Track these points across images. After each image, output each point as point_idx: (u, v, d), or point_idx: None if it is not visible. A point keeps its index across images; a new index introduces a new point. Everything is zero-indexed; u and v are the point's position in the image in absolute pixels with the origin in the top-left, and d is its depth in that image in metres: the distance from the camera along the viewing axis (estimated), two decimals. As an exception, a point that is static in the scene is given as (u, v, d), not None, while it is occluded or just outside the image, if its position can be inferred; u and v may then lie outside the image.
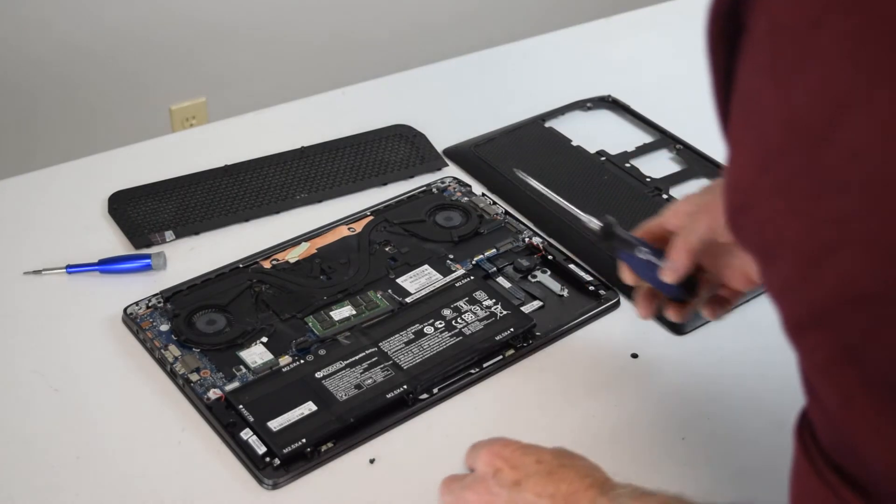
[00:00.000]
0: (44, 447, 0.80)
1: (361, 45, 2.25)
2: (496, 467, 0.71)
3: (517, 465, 0.70)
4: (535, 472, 0.69)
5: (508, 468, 0.70)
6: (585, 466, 0.70)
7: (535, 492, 0.68)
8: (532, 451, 0.71)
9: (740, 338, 0.91)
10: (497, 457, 0.71)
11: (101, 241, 1.00)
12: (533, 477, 0.69)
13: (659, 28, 1.44)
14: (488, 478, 0.71)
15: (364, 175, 1.10)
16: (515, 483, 0.69)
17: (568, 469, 0.69)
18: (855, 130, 0.41)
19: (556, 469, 0.69)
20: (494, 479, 0.70)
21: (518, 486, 0.69)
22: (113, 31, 1.95)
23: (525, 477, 0.69)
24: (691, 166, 1.13)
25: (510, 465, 0.70)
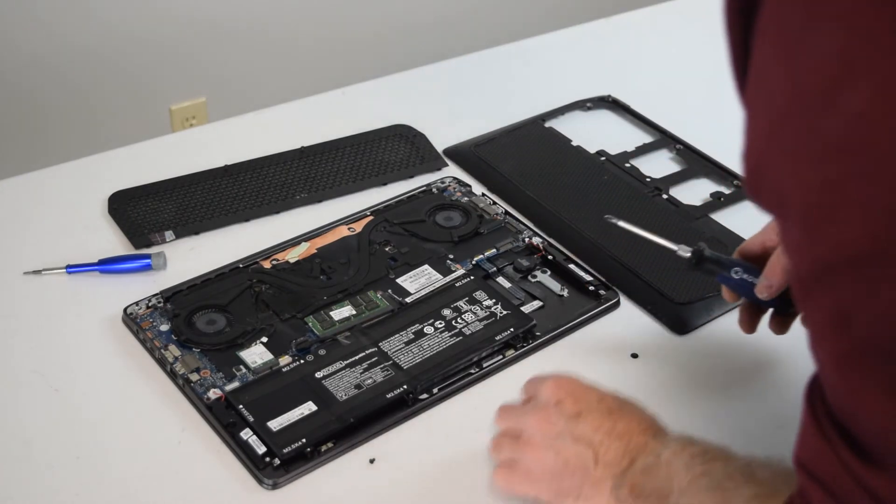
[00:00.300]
0: (44, 447, 0.80)
1: (361, 45, 2.25)
2: (559, 398, 0.73)
3: (580, 398, 0.73)
4: (595, 408, 0.72)
5: (571, 400, 0.72)
6: (643, 413, 0.72)
7: (593, 426, 0.71)
8: (595, 389, 0.74)
9: (740, 338, 0.91)
10: (561, 388, 0.74)
11: (101, 241, 1.00)
12: (593, 412, 0.72)
13: (659, 28, 1.44)
14: (550, 406, 0.73)
15: (364, 175, 1.10)
16: (576, 415, 0.72)
17: (626, 412, 0.72)
18: (854, 97, 0.42)
19: (616, 409, 0.72)
20: (556, 408, 0.73)
21: (577, 418, 0.72)
22: (113, 32, 1.95)
23: (586, 411, 0.72)
24: (691, 166, 1.13)
25: (573, 398, 0.73)
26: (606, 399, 0.73)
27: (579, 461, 0.70)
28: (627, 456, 0.69)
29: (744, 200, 1.08)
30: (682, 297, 0.94)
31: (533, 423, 0.73)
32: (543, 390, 0.74)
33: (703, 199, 1.08)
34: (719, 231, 1.03)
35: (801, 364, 0.88)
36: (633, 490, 0.67)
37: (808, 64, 0.45)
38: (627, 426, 0.70)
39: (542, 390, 0.74)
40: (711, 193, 1.09)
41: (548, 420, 0.72)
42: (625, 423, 0.71)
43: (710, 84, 1.28)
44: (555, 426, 0.72)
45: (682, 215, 1.05)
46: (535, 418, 0.73)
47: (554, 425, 0.72)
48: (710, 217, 1.05)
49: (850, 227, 0.44)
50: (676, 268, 0.97)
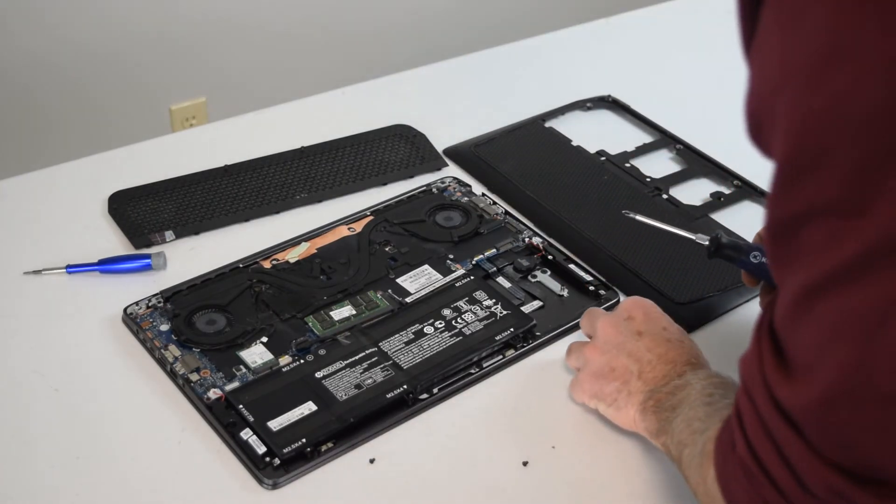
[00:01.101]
0: (44, 447, 0.80)
1: (361, 45, 2.25)
2: (631, 314, 0.81)
3: (648, 320, 0.80)
4: (657, 333, 0.79)
5: (640, 320, 0.80)
6: (695, 350, 0.79)
7: (648, 346, 0.78)
8: (664, 319, 0.81)
9: (740, 338, 0.91)
10: (637, 307, 0.82)
11: (101, 241, 1.00)
12: (654, 336, 0.79)
13: (659, 28, 1.44)
14: (621, 319, 0.81)
15: (364, 175, 1.10)
16: (639, 333, 0.80)
17: (683, 345, 0.79)
18: (840, 78, 0.47)
19: (675, 340, 0.79)
20: (626, 322, 0.81)
21: (639, 336, 0.79)
22: (113, 32, 1.95)
23: (648, 333, 0.79)
24: (691, 166, 1.13)
25: (643, 319, 0.80)
26: (671, 329, 0.80)
27: (624, 371, 0.78)
28: (666, 378, 0.76)
29: (744, 200, 1.08)
30: (682, 297, 0.94)
31: (601, 327, 0.81)
32: (625, 303, 0.82)
33: (703, 199, 1.08)
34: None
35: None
36: (657, 403, 0.75)
37: (799, 42, 0.49)
38: (677, 356, 0.77)
39: (624, 303, 0.83)
40: (711, 193, 1.09)
41: (615, 328, 0.80)
42: (676, 353, 0.77)
43: (710, 84, 1.28)
44: (618, 336, 0.80)
45: (682, 215, 1.05)
46: (604, 323, 0.81)
47: (617, 335, 0.80)
48: (710, 217, 1.05)
49: (826, 185, 0.49)
50: (676, 268, 0.97)
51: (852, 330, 0.50)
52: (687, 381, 0.74)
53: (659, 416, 0.74)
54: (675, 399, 0.73)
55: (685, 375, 0.75)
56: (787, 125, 0.50)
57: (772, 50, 0.52)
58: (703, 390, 0.71)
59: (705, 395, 0.71)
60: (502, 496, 0.77)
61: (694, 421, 0.69)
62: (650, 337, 0.79)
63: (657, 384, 0.76)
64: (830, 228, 0.50)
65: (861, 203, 0.48)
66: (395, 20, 2.28)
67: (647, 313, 0.81)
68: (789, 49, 0.50)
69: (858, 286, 0.49)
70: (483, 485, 0.78)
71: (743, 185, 1.10)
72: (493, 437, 0.82)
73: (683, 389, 0.73)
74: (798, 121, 0.50)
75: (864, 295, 0.49)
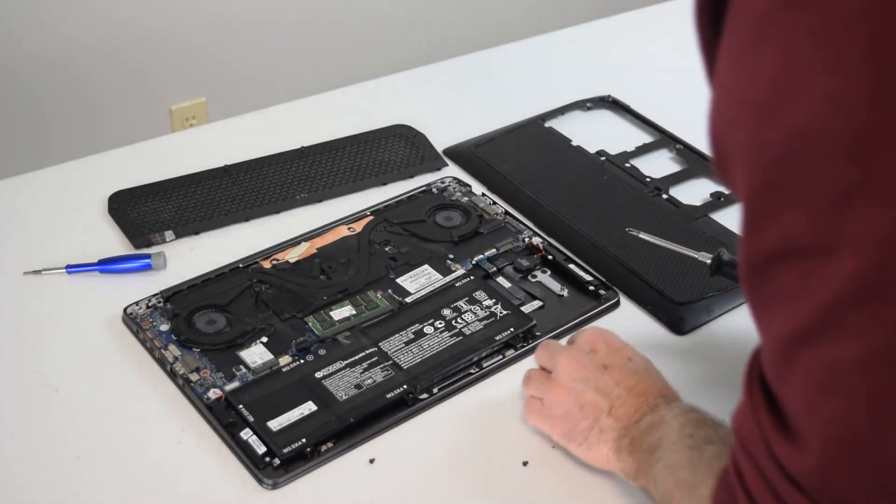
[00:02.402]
0: (44, 447, 0.80)
1: (361, 45, 2.25)
2: (594, 347, 0.78)
3: (612, 353, 0.78)
4: (624, 365, 0.77)
5: (604, 352, 0.78)
6: (663, 380, 0.77)
7: (616, 380, 0.75)
8: (628, 349, 0.79)
9: (740, 338, 0.91)
10: (600, 339, 0.79)
11: (101, 241, 1.00)
12: (621, 368, 0.76)
13: (659, 28, 1.44)
14: (584, 352, 0.78)
15: (364, 175, 1.10)
16: (604, 367, 0.77)
17: (650, 375, 0.76)
18: (798, 111, 0.47)
19: (641, 371, 0.76)
20: (588, 356, 0.78)
21: (605, 371, 0.76)
22: (113, 31, 1.95)
23: (614, 365, 0.77)
24: (691, 166, 1.13)
25: (607, 351, 0.78)
26: (636, 360, 0.77)
27: (594, 408, 0.75)
28: (638, 413, 0.73)
29: (744, 200, 1.08)
30: (682, 297, 0.94)
31: (564, 363, 0.77)
32: (582, 336, 0.79)
33: (703, 199, 1.08)
34: (719, 231, 1.03)
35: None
36: (632, 442, 0.72)
37: (753, 79, 0.49)
38: (647, 387, 0.75)
39: (582, 336, 0.79)
40: (711, 193, 1.09)
41: (578, 363, 0.77)
42: (645, 384, 0.75)
43: (710, 84, 1.28)
44: (582, 371, 0.76)
45: (682, 215, 1.05)
46: (566, 359, 0.77)
47: (582, 370, 0.76)
48: (710, 217, 1.05)
49: (786, 224, 0.48)
50: (676, 268, 0.97)
51: (835, 384, 0.48)
52: (662, 417, 0.71)
53: (636, 456, 0.71)
54: (652, 438, 0.70)
55: (658, 410, 0.72)
56: (746, 158, 0.50)
57: (728, 83, 0.51)
58: (682, 430, 0.68)
59: (685, 437, 0.68)
60: (502, 496, 0.77)
61: (679, 469, 0.65)
62: (617, 369, 0.76)
63: (629, 420, 0.73)
64: (801, 271, 0.48)
65: (827, 242, 0.47)
66: (395, 20, 2.27)
67: (610, 344, 0.78)
68: (744, 83, 0.50)
69: (834, 336, 0.47)
70: (483, 485, 0.78)
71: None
72: (493, 437, 0.82)
73: (659, 428, 0.70)
74: (755, 155, 0.49)
75: (842, 345, 0.47)
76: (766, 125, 0.48)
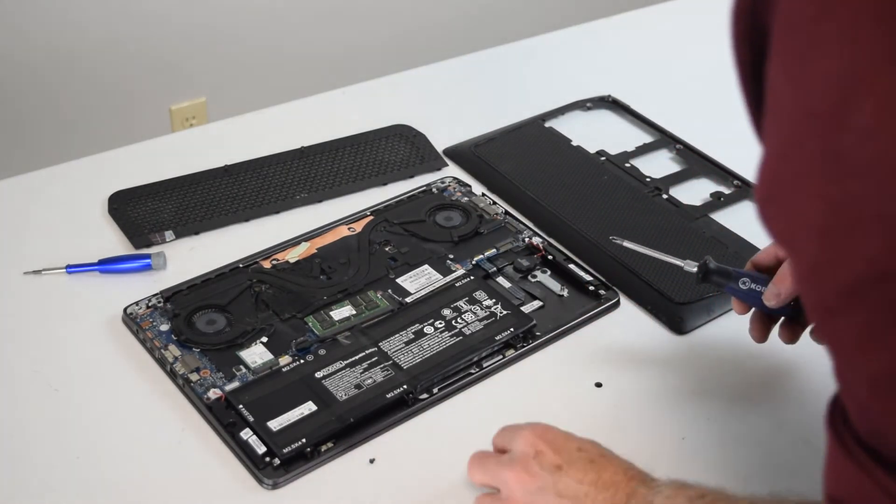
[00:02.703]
0: (44, 447, 0.80)
1: (361, 45, 2.25)
2: (538, 449, 0.70)
3: (559, 449, 0.70)
4: (577, 458, 0.69)
5: (551, 452, 0.70)
6: (623, 460, 0.70)
7: (577, 478, 0.68)
8: (574, 438, 0.71)
9: (740, 338, 0.91)
10: (540, 439, 0.71)
11: (101, 241, 1.00)
12: (575, 463, 0.69)
13: (659, 28, 1.44)
14: (529, 458, 0.70)
15: (364, 175, 1.10)
16: (557, 467, 0.69)
17: (608, 459, 0.69)
18: (865, 112, 0.42)
19: (597, 458, 0.69)
20: (536, 460, 0.70)
21: (560, 471, 0.69)
22: (113, 32, 1.95)
23: (567, 463, 0.69)
24: (691, 166, 1.13)
25: (553, 449, 0.70)
26: (586, 447, 0.70)
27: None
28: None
29: (744, 200, 1.08)
30: (682, 297, 0.94)
31: (512, 477, 0.70)
32: (519, 441, 0.71)
33: (703, 199, 1.08)
34: (719, 231, 1.03)
35: (801, 364, 0.89)
36: None
37: (815, 85, 0.45)
38: (613, 475, 0.68)
39: (518, 441, 0.71)
40: (711, 193, 1.09)
41: (528, 473, 0.69)
42: (610, 473, 0.68)
43: (710, 84, 1.28)
44: (536, 480, 0.69)
45: (682, 215, 1.05)
46: (513, 472, 0.70)
47: (535, 479, 0.69)
48: (710, 217, 1.05)
49: (873, 243, 0.44)
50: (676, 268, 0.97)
51: None
52: (648, 501, 0.65)
53: None
54: None
55: (641, 496, 0.66)
56: (818, 173, 0.45)
57: (785, 106, 0.47)
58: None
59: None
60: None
61: None
62: (572, 467, 0.69)
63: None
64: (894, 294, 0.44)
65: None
66: (395, 20, 2.27)
67: (553, 442, 0.70)
68: (805, 96, 0.46)
69: None
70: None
71: (743, 185, 1.10)
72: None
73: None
74: (830, 163, 0.45)
75: None
76: (836, 131, 0.44)
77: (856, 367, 0.48)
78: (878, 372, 0.47)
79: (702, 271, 0.82)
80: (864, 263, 0.44)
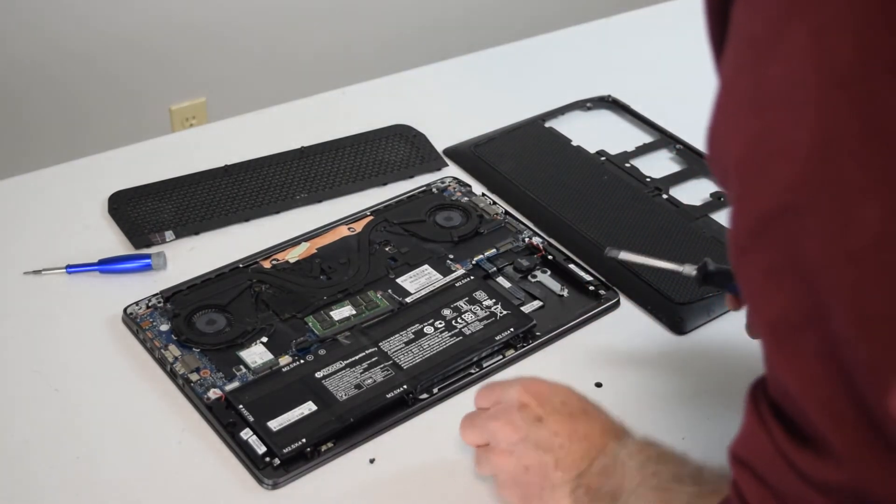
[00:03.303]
0: (44, 447, 0.80)
1: (361, 46, 2.25)
2: (523, 402, 0.71)
3: (544, 401, 0.71)
4: (558, 411, 0.70)
5: (535, 404, 0.71)
6: (607, 416, 0.71)
7: (553, 430, 0.69)
8: (561, 392, 0.72)
9: (740, 338, 0.91)
10: (527, 392, 0.72)
11: (101, 241, 1.00)
12: (555, 415, 0.70)
13: (659, 28, 1.44)
14: (514, 410, 0.71)
15: (364, 175, 1.10)
16: (537, 419, 0.70)
17: (590, 414, 0.71)
18: (795, 40, 0.42)
19: (578, 412, 0.70)
20: (520, 412, 0.71)
21: (539, 423, 0.70)
22: (113, 32, 1.95)
23: (547, 414, 0.70)
24: (691, 166, 1.13)
25: (537, 402, 0.71)
26: (570, 402, 0.71)
27: (539, 467, 0.69)
28: (587, 458, 0.68)
29: (744, 200, 1.08)
30: (682, 297, 0.94)
31: (497, 428, 0.71)
32: (509, 393, 0.72)
33: (703, 199, 1.08)
34: (719, 231, 1.03)
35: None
36: (588, 491, 0.67)
37: (759, 11, 0.45)
38: (589, 429, 0.69)
39: (508, 394, 0.72)
40: (711, 193, 1.09)
41: (511, 425, 0.71)
42: (586, 426, 0.69)
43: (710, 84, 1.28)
44: (518, 431, 0.70)
45: (682, 215, 1.05)
46: (498, 424, 0.71)
47: (517, 430, 0.70)
48: (710, 217, 1.05)
49: (779, 177, 0.44)
50: (676, 268, 0.97)
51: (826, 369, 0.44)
52: (615, 457, 0.66)
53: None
54: (610, 483, 0.66)
55: (608, 450, 0.67)
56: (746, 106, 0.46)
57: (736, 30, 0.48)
58: (643, 469, 0.64)
59: (648, 476, 0.63)
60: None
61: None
62: (551, 418, 0.70)
63: (579, 468, 0.68)
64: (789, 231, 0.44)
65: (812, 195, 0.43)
66: (395, 20, 2.28)
67: (539, 395, 0.72)
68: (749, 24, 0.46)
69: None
70: (483, 485, 0.78)
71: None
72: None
73: (615, 470, 0.66)
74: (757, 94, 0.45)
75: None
76: (767, 59, 0.44)
77: (759, 313, 0.48)
78: (774, 317, 0.47)
79: (701, 273, 0.82)
80: (769, 198, 0.44)
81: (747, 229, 0.47)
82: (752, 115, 0.45)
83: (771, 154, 0.44)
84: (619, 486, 0.65)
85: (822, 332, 0.45)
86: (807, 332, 0.46)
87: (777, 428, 0.49)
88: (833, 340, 0.44)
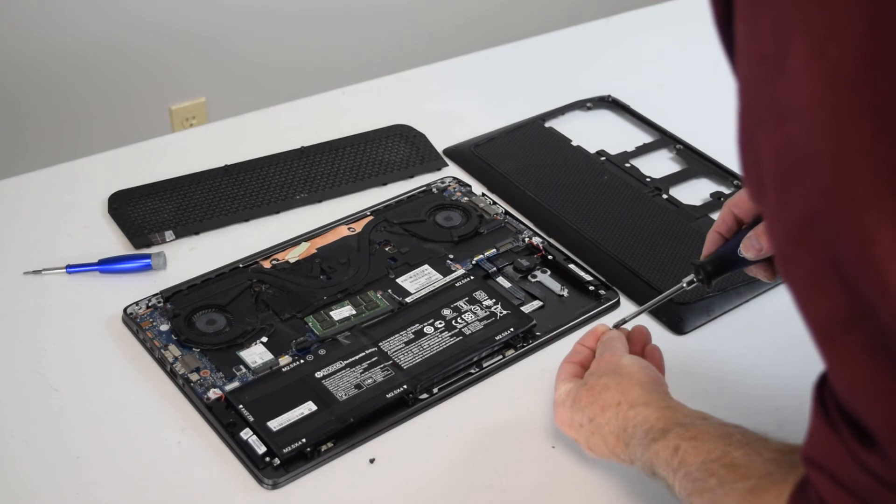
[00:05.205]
0: (44, 447, 0.80)
1: (362, 45, 2.25)
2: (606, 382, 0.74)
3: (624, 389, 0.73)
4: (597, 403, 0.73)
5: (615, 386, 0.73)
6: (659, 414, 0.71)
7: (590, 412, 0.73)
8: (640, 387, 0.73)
9: (740, 338, 0.91)
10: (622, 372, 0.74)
11: (101, 241, 1.00)
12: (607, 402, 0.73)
13: (659, 28, 1.44)
14: (597, 381, 0.74)
15: (364, 175, 1.10)
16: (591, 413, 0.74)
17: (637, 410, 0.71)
18: (797, 54, 0.45)
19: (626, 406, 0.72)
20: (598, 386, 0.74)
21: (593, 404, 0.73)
22: (114, 32, 1.95)
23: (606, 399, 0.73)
24: (691, 166, 1.13)
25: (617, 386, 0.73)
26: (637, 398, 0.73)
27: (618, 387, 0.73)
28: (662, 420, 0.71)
29: (744, 200, 1.08)
30: (682, 297, 0.94)
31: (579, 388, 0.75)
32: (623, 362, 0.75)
33: (703, 199, 1.08)
34: (719, 231, 1.03)
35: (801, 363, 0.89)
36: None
37: (764, 28, 0.46)
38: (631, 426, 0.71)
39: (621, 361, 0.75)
40: (711, 193, 1.09)
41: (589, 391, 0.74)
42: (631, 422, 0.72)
43: (710, 84, 1.28)
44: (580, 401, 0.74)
45: (682, 215, 1.05)
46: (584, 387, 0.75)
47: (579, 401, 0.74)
48: (711, 217, 1.05)
49: (807, 186, 0.46)
50: (676, 268, 0.97)
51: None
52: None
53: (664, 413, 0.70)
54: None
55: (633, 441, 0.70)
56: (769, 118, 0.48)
57: (743, 47, 0.49)
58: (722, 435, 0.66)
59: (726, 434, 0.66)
60: (502, 496, 0.77)
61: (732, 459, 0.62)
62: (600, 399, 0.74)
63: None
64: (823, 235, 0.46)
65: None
66: (395, 20, 2.27)
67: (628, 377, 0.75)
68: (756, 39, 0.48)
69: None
70: (483, 485, 0.78)
71: (743, 185, 1.10)
72: (492, 437, 0.82)
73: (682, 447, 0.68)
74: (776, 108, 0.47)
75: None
76: (778, 77, 0.46)
77: (809, 318, 0.49)
78: (822, 320, 0.48)
79: (700, 272, 0.82)
80: (801, 206, 0.46)
81: (787, 237, 0.49)
82: (776, 128, 0.47)
83: (798, 163, 0.46)
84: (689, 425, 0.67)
85: (870, 330, 0.46)
86: (854, 330, 0.47)
87: (846, 430, 0.50)
88: (882, 335, 0.45)
